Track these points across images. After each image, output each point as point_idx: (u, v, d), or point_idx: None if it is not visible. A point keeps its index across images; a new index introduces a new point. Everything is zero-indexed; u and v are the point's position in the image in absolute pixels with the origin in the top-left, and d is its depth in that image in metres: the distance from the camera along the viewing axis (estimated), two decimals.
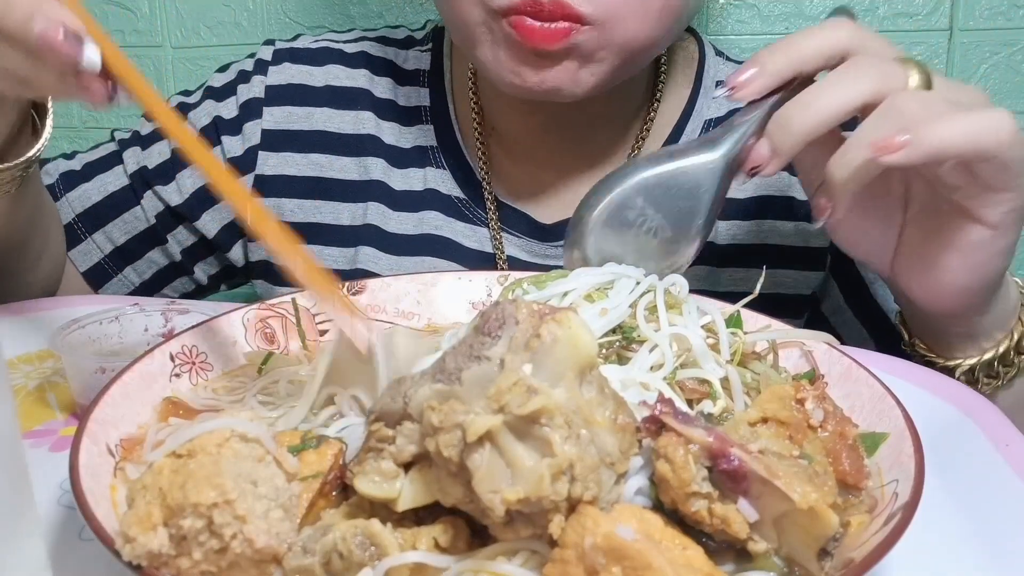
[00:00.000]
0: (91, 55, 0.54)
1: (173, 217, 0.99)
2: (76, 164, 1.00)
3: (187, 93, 1.02)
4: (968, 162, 0.59)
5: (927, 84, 0.60)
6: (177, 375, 0.59)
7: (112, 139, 1.02)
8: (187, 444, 0.41)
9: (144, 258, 1.01)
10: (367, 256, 0.95)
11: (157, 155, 0.98)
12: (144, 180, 0.98)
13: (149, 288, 1.03)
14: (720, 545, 0.41)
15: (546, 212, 0.94)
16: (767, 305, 0.64)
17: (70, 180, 0.98)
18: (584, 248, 0.67)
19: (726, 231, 0.93)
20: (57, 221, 0.96)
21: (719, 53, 0.99)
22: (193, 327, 0.62)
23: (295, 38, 1.02)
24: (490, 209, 0.94)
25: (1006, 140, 0.56)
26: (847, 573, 0.38)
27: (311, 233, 0.97)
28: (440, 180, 0.96)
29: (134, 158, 0.98)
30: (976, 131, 0.56)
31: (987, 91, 0.63)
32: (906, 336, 0.75)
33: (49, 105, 0.75)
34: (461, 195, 0.96)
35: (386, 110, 0.98)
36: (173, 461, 0.41)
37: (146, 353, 0.57)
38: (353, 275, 0.93)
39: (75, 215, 0.98)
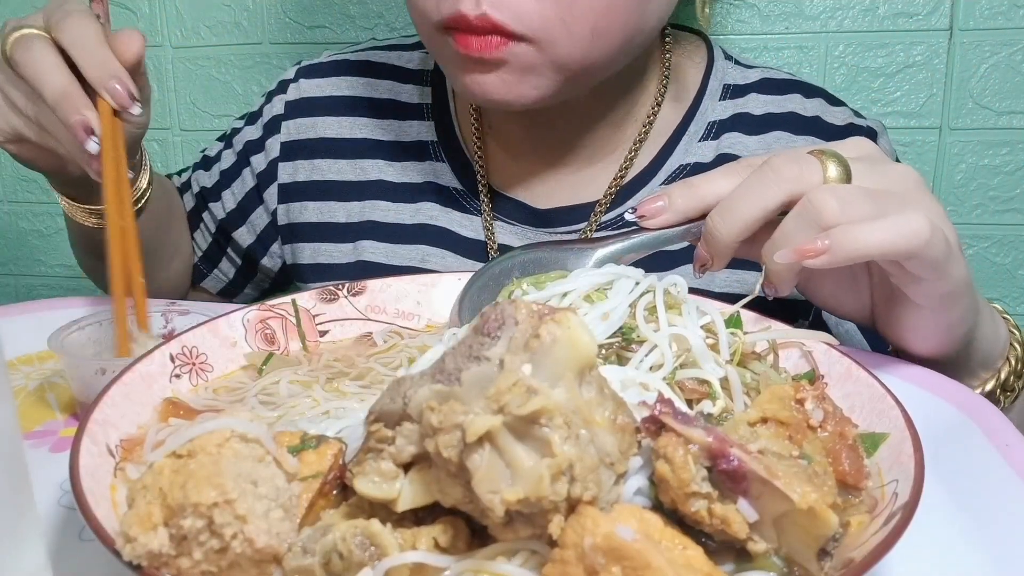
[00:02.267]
0: (92, 145, 0.70)
1: (223, 231, 1.10)
2: (177, 181, 1.13)
3: (243, 117, 1.11)
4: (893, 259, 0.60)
5: (845, 175, 0.62)
6: (177, 376, 0.59)
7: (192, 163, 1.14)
8: (187, 444, 0.41)
9: (222, 261, 1.12)
10: (364, 248, 0.99)
11: (213, 175, 1.10)
12: (204, 199, 1.10)
13: (236, 284, 1.14)
14: (720, 545, 0.41)
15: (541, 199, 0.96)
16: (765, 311, 0.64)
17: (180, 191, 1.12)
18: (463, 308, 0.70)
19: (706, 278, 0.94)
20: (183, 224, 1.09)
21: (728, 57, 1.00)
22: (193, 328, 0.62)
23: (321, 55, 1.10)
24: (484, 199, 0.97)
25: (924, 241, 0.57)
26: (847, 573, 0.38)
27: (318, 232, 1.03)
28: (439, 173, 1.00)
29: (197, 179, 1.11)
30: (894, 236, 0.57)
31: (916, 173, 0.64)
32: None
33: (145, 158, 0.88)
34: (459, 186, 0.98)
35: (386, 110, 1.03)
36: (173, 461, 0.41)
37: (146, 354, 0.57)
38: (354, 267, 1.00)
39: (180, 206, 1.10)
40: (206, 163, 1.12)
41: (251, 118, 1.10)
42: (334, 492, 0.45)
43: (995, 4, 1.20)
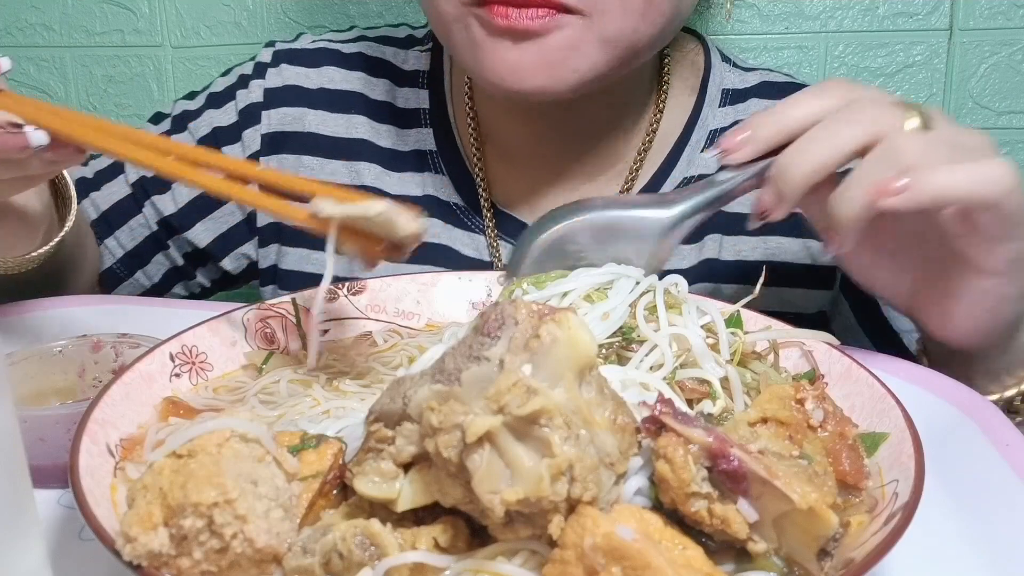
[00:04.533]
0: (37, 136, 0.56)
1: (169, 226, 1.00)
2: (89, 171, 1.01)
3: (192, 96, 1.02)
4: (968, 210, 0.58)
5: (926, 127, 0.60)
6: (177, 375, 0.59)
7: None
8: (187, 444, 0.41)
9: (152, 262, 1.02)
10: None
11: None
12: (144, 189, 0.99)
13: (159, 290, 1.04)
14: (720, 545, 0.41)
15: None
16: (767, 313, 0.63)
17: (83, 188, 0.99)
18: (519, 269, 0.68)
19: (731, 247, 0.91)
20: (93, 242, 0.99)
21: (726, 59, 0.97)
22: (193, 327, 0.61)
23: (296, 38, 1.02)
24: (487, 216, 0.93)
25: (1007, 189, 0.56)
26: (847, 573, 0.38)
27: (302, 237, 0.95)
28: (439, 186, 0.95)
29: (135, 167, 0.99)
30: (977, 179, 0.55)
31: (992, 138, 0.61)
32: (926, 364, 0.73)
33: (71, 190, 0.79)
34: (460, 202, 0.94)
35: (383, 113, 0.97)
36: (173, 461, 0.41)
37: (146, 353, 0.57)
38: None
39: (91, 220, 1.00)
40: None
41: (213, 100, 0.99)
42: (334, 492, 0.45)
43: (995, 4, 1.20)
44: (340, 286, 0.71)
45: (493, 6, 0.71)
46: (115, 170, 1.00)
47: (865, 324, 0.92)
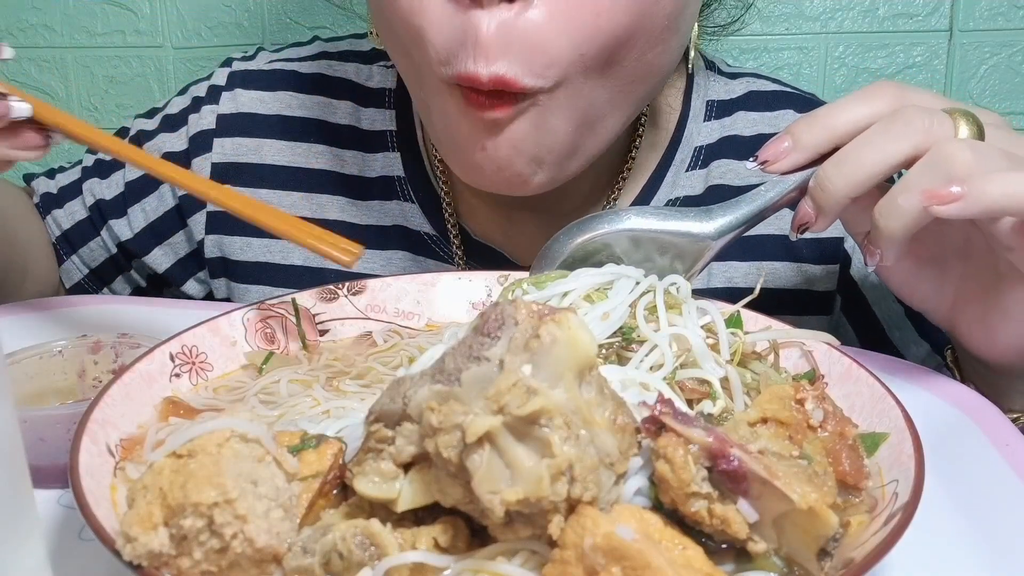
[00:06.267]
0: (20, 106, 0.57)
1: (127, 250, 0.98)
2: (53, 187, 0.98)
3: (151, 114, 0.99)
4: None
5: (979, 136, 0.57)
6: (177, 375, 0.59)
7: (80, 162, 1.00)
8: (187, 444, 0.41)
9: (117, 280, 1.00)
10: None
11: (114, 186, 0.96)
12: (101, 213, 0.96)
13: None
14: (720, 545, 0.41)
15: (520, 248, 0.87)
16: (761, 308, 0.63)
17: (47, 203, 0.98)
18: (545, 268, 0.66)
19: (721, 274, 0.87)
20: (38, 246, 0.95)
21: (710, 65, 0.91)
22: (193, 327, 0.62)
23: (255, 54, 0.97)
24: (456, 245, 0.88)
25: None
26: (847, 573, 0.38)
27: (260, 273, 0.92)
28: (409, 215, 0.90)
29: (91, 189, 0.97)
30: None
31: None
32: (958, 377, 0.70)
33: None
34: (431, 231, 0.89)
35: (346, 138, 0.92)
36: (173, 461, 0.41)
37: (146, 353, 0.57)
38: None
39: (55, 237, 0.98)
40: (101, 169, 0.96)
41: (168, 122, 0.94)
42: (334, 492, 0.45)
43: (995, 5, 1.20)
44: (340, 286, 0.71)
45: (465, 90, 0.66)
46: (77, 188, 0.97)
47: (871, 346, 0.88)
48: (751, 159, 0.62)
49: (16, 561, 0.37)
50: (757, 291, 0.63)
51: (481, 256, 0.89)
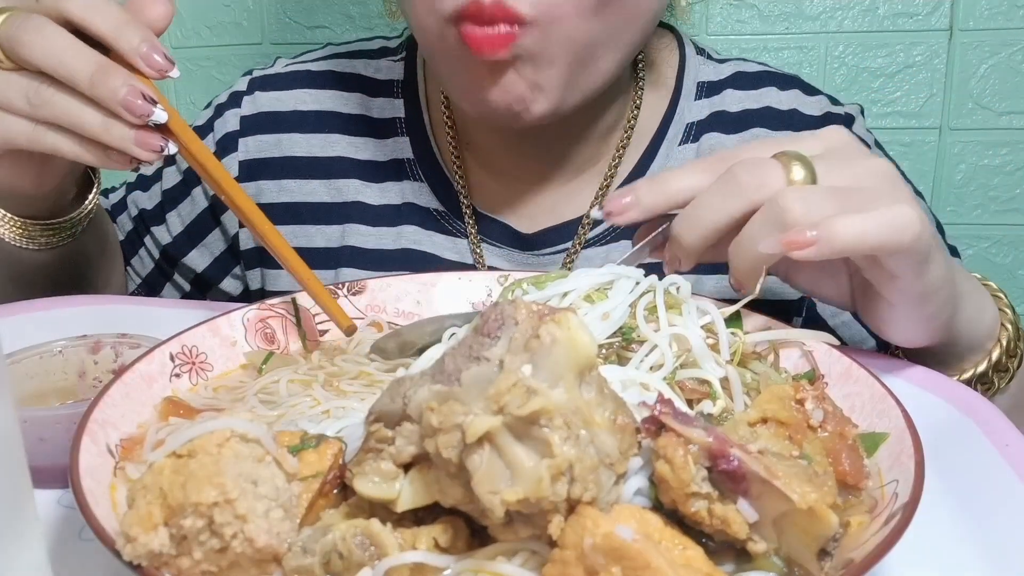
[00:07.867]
0: (160, 113, 0.65)
1: (168, 255, 1.03)
2: (107, 204, 1.05)
3: None
4: (875, 256, 0.59)
5: (811, 176, 0.60)
6: (177, 375, 0.59)
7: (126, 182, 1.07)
8: (187, 444, 0.41)
9: (165, 288, 1.06)
10: (346, 276, 0.95)
11: (154, 196, 1.02)
12: (144, 222, 1.03)
13: None
14: (720, 545, 0.42)
15: (526, 222, 0.93)
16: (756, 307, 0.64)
17: (112, 214, 1.05)
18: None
19: (712, 284, 0.89)
20: (117, 253, 1.01)
21: (700, 52, 0.98)
22: (193, 327, 0.62)
23: (273, 63, 1.03)
24: (468, 221, 0.93)
25: (915, 234, 0.57)
26: (847, 573, 0.38)
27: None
28: (418, 193, 0.96)
29: (135, 201, 1.03)
30: (885, 229, 0.56)
31: (894, 169, 0.62)
32: (901, 354, 0.74)
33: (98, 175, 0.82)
34: (440, 207, 0.95)
35: (359, 126, 0.98)
36: (173, 461, 0.41)
37: (146, 353, 0.57)
38: None
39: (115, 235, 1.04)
40: (143, 183, 1.04)
41: (196, 132, 0.98)
42: (334, 492, 0.45)
43: (995, 4, 1.20)
44: (340, 286, 0.71)
45: (464, 27, 0.72)
46: (122, 204, 1.04)
47: None
48: (598, 207, 0.68)
49: (16, 561, 0.37)
50: (757, 291, 0.63)
51: (488, 228, 0.94)
